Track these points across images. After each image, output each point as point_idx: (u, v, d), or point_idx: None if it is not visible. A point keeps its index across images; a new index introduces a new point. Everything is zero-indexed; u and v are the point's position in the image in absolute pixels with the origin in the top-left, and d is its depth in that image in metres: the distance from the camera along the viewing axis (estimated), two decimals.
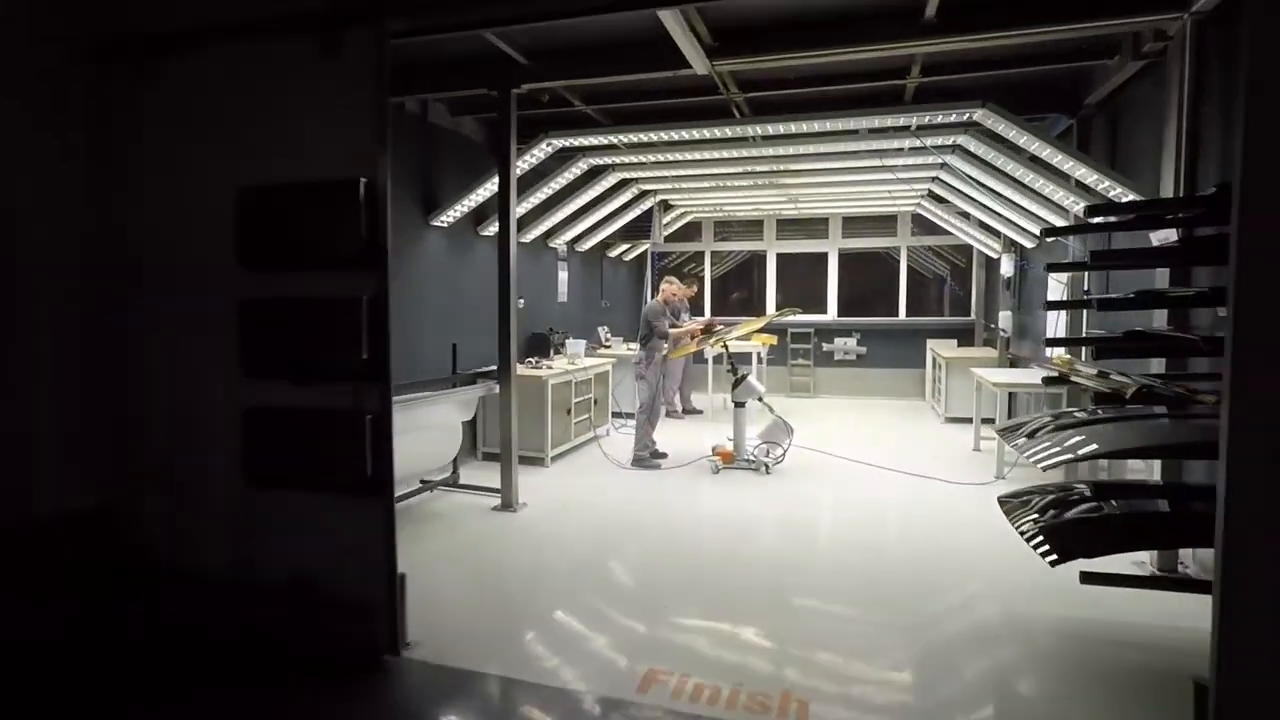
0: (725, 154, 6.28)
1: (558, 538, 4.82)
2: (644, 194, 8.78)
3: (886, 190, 8.51)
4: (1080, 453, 2.96)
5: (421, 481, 5.66)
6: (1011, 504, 3.45)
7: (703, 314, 11.74)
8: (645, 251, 11.67)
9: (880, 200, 9.44)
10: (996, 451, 6.14)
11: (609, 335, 9.62)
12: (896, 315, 10.93)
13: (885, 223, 10.92)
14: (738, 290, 12.45)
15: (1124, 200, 4.01)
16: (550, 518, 5.19)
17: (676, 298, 7.00)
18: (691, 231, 11.71)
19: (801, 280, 11.59)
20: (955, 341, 10.31)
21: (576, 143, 5.92)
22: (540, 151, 5.97)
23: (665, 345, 6.77)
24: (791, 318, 9.96)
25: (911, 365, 10.69)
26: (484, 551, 4.54)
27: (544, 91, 5.73)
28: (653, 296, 8.86)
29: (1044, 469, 2.84)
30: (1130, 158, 4.94)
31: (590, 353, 8.99)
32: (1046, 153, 4.74)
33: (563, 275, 8.83)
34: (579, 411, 7.17)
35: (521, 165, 6.05)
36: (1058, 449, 3.00)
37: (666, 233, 10.90)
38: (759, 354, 9.16)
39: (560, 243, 8.47)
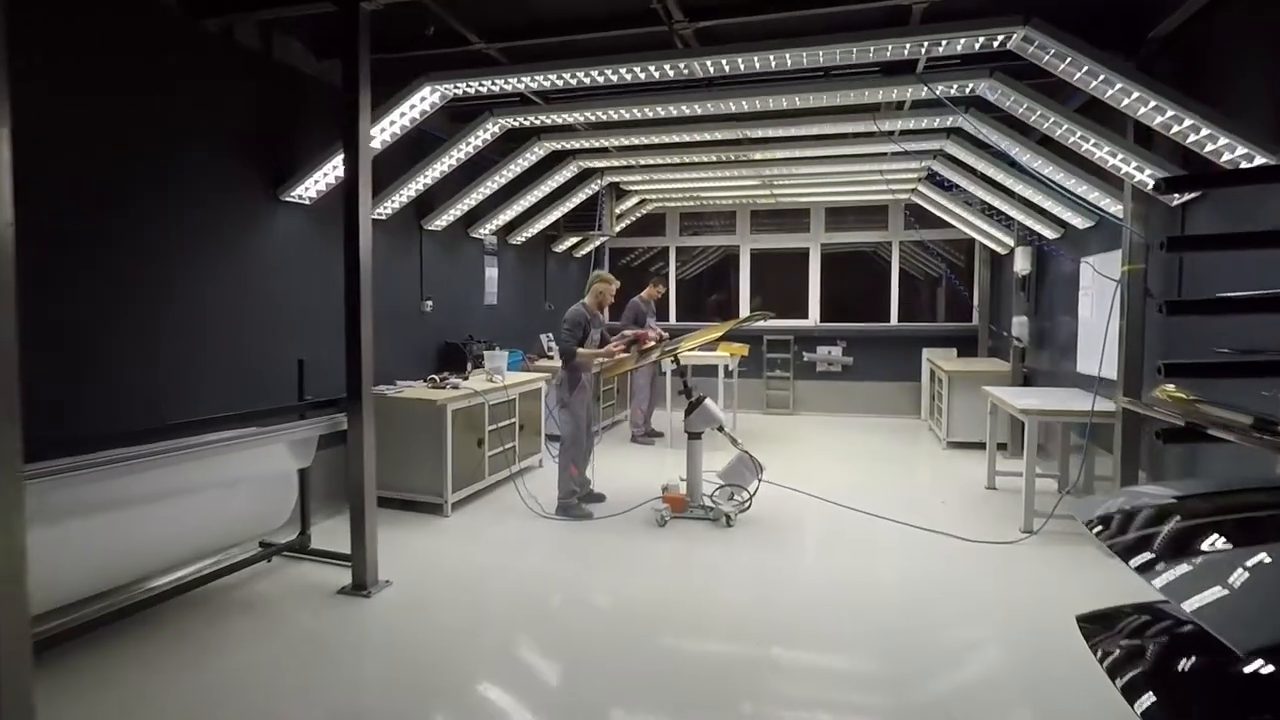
0: (672, 109, 4.85)
1: (422, 643, 3.31)
2: (588, 174, 7.34)
3: (879, 172, 7.13)
4: None
5: (261, 545, 4.17)
6: (1097, 633, 2.05)
7: (669, 319, 10.32)
8: (601, 245, 10.22)
9: (871, 185, 8.06)
10: (1025, 495, 4.73)
11: (552, 344, 8.15)
12: (888, 320, 9.56)
13: (875, 215, 9.55)
14: (715, 292, 10.98)
15: None
16: (421, 605, 3.70)
17: (613, 300, 5.52)
18: (655, 225, 10.28)
19: (781, 281, 10.20)
20: (955, 351, 8.96)
21: (465, 89, 4.44)
22: (422, 102, 4.50)
23: (596, 362, 5.32)
24: (761, 323, 8.56)
25: (905, 378, 9.32)
26: (296, 676, 3.04)
27: (428, 24, 4.29)
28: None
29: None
30: (1214, 106, 3.56)
31: (528, 365, 7.53)
32: (1115, 89, 3.35)
33: (491, 272, 7.36)
34: (497, 441, 5.69)
35: (398, 120, 4.58)
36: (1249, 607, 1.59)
37: (623, 225, 9.47)
38: (726, 367, 7.74)
39: (485, 232, 6.99)
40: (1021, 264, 6.74)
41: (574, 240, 8.94)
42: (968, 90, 4.27)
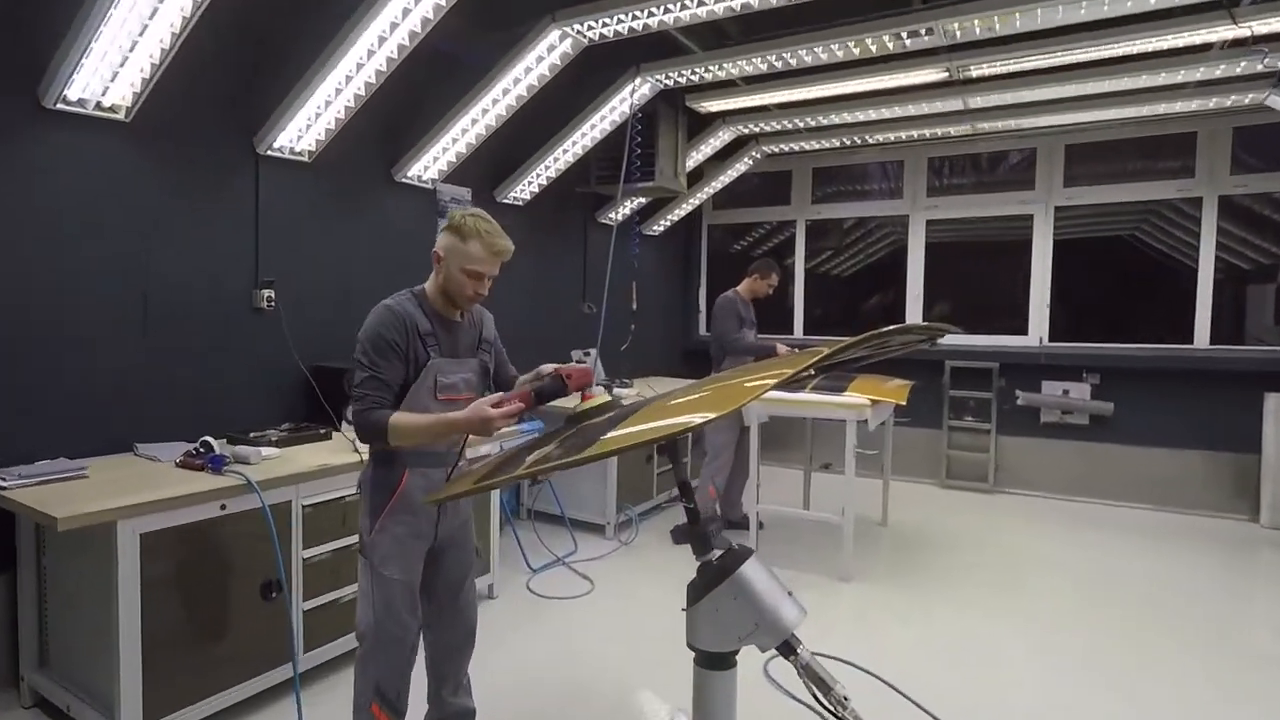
0: None
1: None
2: (595, 58, 4.18)
3: (1224, 24, 3.29)
4: None
5: None
6: None
7: (793, 332, 6.87)
8: (695, 216, 6.99)
9: (1176, 79, 4.15)
10: None
11: (584, 359, 5.10)
12: (1188, 341, 5.37)
13: (1164, 153, 5.41)
14: (879, 293, 7.20)
15: None
16: None
17: (480, 291, 2.12)
18: (775, 188, 6.86)
19: (982, 275, 6.35)
20: None
21: None
22: None
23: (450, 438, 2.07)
24: (925, 344, 4.77)
25: (1222, 444, 5.12)
26: None
27: None
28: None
29: None
30: None
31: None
32: None
33: None
34: (348, 579, 2.75)
35: None
36: None
37: (715, 185, 6.17)
38: (861, 422, 4.10)
39: (428, 175, 4.05)
40: None
41: (635, 204, 5.80)
42: None
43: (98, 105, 2.62)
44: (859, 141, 5.73)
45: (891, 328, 1.91)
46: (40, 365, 2.59)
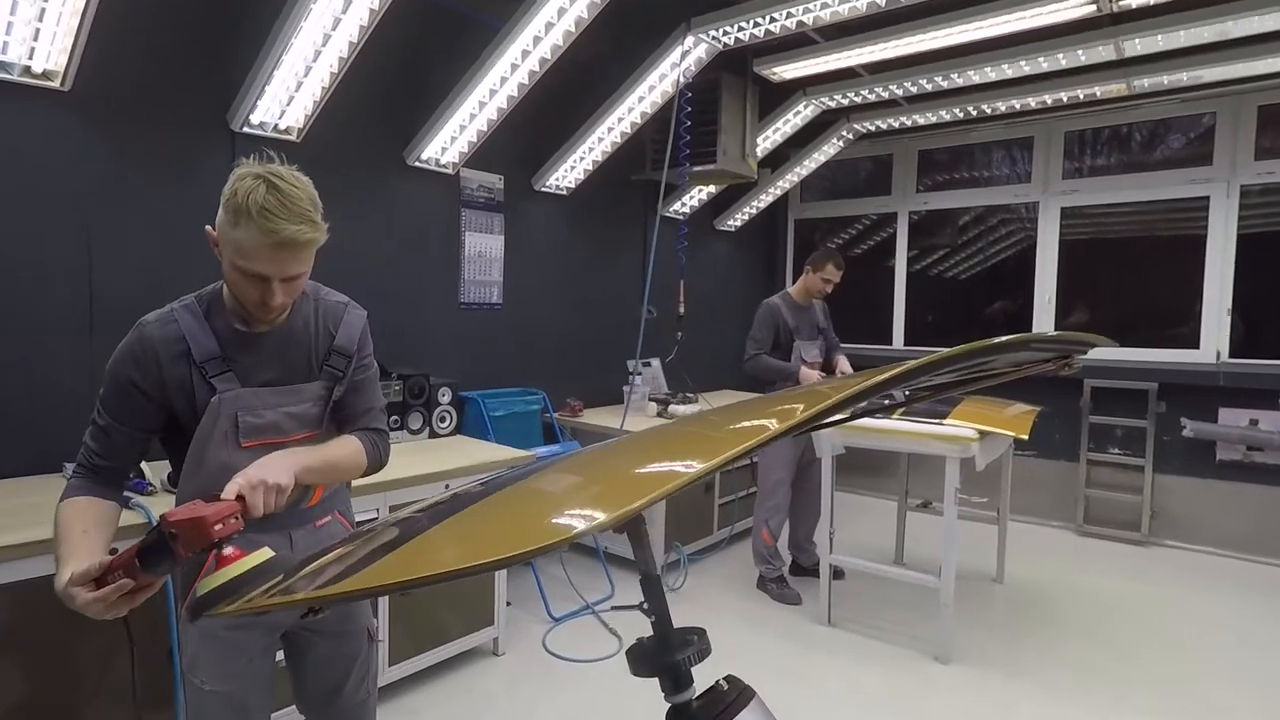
0: None
1: None
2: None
3: None
4: None
5: None
6: None
7: (892, 342, 5.92)
8: (778, 208, 6.20)
9: None
10: None
11: (637, 373, 4.45)
12: None
13: None
14: (1002, 298, 6.05)
15: None
16: None
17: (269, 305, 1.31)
18: (876, 175, 5.94)
19: (1138, 276, 5.17)
20: None
21: None
22: None
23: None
24: (1041, 359, 3.67)
25: None
26: None
27: None
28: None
29: None
30: None
31: (573, 413, 4.04)
32: None
33: (483, 244, 3.91)
34: None
35: None
36: None
37: (800, 171, 5.36)
38: (967, 459, 3.20)
39: (445, 159, 3.54)
40: None
41: (701, 192, 5.08)
42: None
43: (26, 70, 2.27)
44: (975, 113, 4.75)
45: (998, 340, 1.13)
46: None
